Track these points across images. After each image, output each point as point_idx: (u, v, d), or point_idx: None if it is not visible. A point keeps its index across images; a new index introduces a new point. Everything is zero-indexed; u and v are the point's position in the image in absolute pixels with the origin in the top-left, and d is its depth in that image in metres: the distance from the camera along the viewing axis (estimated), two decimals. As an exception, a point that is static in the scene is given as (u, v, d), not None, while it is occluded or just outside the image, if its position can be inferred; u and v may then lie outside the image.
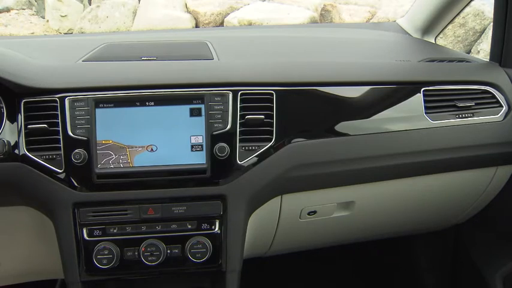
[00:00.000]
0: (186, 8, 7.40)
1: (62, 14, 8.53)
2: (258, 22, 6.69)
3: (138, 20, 7.65)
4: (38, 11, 9.27)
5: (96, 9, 7.91)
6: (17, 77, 1.00)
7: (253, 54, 1.32)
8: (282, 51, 1.37)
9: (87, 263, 1.02)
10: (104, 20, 7.74)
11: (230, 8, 7.27)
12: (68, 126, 1.00)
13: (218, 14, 7.16)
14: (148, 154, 1.02)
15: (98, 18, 7.81)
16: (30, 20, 8.93)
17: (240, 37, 1.58)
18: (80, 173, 1.00)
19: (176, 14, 7.28)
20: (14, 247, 1.15)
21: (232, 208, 1.05)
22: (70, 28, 8.34)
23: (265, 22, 6.58)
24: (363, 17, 5.65)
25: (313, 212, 1.22)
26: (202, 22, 7.17)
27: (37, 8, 9.37)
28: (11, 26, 8.28)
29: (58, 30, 8.31)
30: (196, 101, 1.03)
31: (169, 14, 7.23)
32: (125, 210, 1.02)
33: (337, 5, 6.30)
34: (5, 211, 1.05)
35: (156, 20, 7.17)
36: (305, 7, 7.00)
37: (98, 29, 7.67)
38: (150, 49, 1.26)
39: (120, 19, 7.67)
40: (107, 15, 7.72)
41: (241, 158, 1.04)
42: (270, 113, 1.07)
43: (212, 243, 1.04)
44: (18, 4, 9.42)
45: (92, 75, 1.06)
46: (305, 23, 6.48)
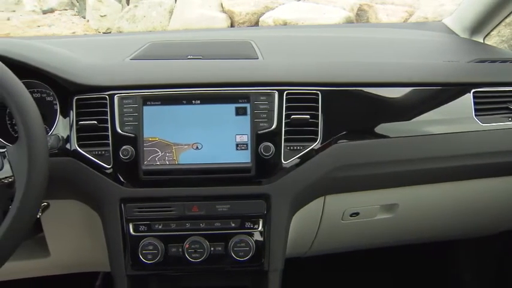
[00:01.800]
0: (221, 7, 7.45)
1: (101, 14, 8.76)
2: (293, 22, 6.67)
3: (174, 20, 7.76)
4: (80, 12, 9.54)
5: (134, 9, 8.08)
6: (70, 75, 1.03)
7: (297, 53, 1.31)
8: (325, 51, 1.37)
9: (132, 257, 1.03)
10: (141, 20, 7.90)
11: (265, 8, 7.28)
12: (116, 123, 1.02)
13: (253, 14, 7.18)
14: (194, 152, 1.03)
15: (135, 17, 7.98)
16: (72, 20, 9.20)
17: (282, 36, 1.57)
18: (127, 169, 1.02)
19: (212, 13, 7.34)
20: (63, 239, 1.19)
21: (275, 207, 1.05)
22: (108, 27, 8.56)
23: (300, 22, 6.55)
24: (400, 17, 5.55)
25: (356, 214, 1.21)
26: (237, 22, 7.21)
27: (78, 9, 9.65)
28: (55, 26, 8.56)
29: (97, 30, 8.54)
30: (242, 100, 1.04)
31: (204, 13, 7.30)
32: (170, 207, 1.04)
33: (374, 5, 6.20)
34: (55, 204, 1.08)
35: (192, 20, 7.26)
36: (340, 7, 6.93)
37: (135, 28, 7.83)
38: (195, 48, 1.28)
39: (157, 18, 7.81)
40: (144, 15, 7.87)
41: (286, 158, 1.04)
42: (315, 113, 1.06)
43: (255, 242, 1.04)
44: (61, 5, 9.73)
45: (140, 73, 1.08)
46: (340, 23, 6.41)
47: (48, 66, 1.02)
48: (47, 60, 1.03)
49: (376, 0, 6.41)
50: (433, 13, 4.86)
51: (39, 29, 8.52)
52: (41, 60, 1.02)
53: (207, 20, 7.23)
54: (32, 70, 1.01)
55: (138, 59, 1.16)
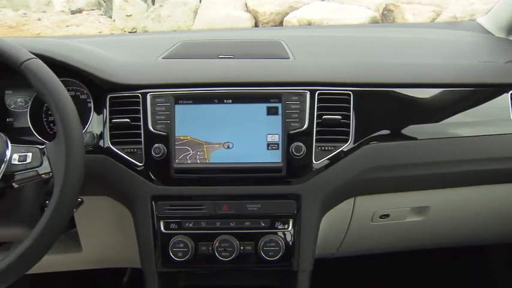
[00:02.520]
0: (246, 7, 7.47)
1: (127, 14, 8.89)
2: (318, 22, 6.63)
3: (198, 19, 7.82)
4: (106, 11, 9.71)
5: (159, 8, 8.17)
6: (104, 73, 1.05)
7: (328, 53, 1.31)
8: (356, 51, 1.35)
9: (163, 255, 1.05)
10: (166, 19, 7.98)
11: (290, 8, 7.26)
12: (149, 122, 1.03)
13: (278, 14, 7.17)
14: (225, 151, 1.04)
15: (160, 17, 8.07)
16: (99, 19, 9.37)
17: (311, 36, 1.57)
18: (159, 167, 1.03)
19: (236, 13, 7.37)
20: (95, 235, 1.21)
21: (306, 208, 1.05)
22: (134, 27, 8.68)
23: (324, 22, 6.51)
24: (427, 16, 5.46)
25: (386, 216, 1.20)
26: (262, 21, 7.21)
27: (105, 9, 9.82)
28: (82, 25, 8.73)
29: (123, 29, 8.67)
30: (274, 99, 1.04)
31: (229, 13, 7.33)
32: (200, 205, 1.05)
33: (400, 5, 6.11)
34: (88, 200, 1.10)
35: (216, 19, 7.30)
36: (366, 7, 6.86)
37: (160, 27, 7.92)
38: (226, 47, 1.28)
39: (182, 18, 7.88)
40: (169, 14, 7.95)
41: (317, 158, 1.04)
42: (346, 113, 1.05)
43: (285, 242, 1.04)
44: (88, 5, 9.92)
45: (172, 72, 1.09)
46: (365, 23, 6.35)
47: (85, 66, 1.04)
48: (84, 60, 1.05)
49: (403, 0, 6.32)
50: (462, 12, 4.76)
51: (68, 29, 8.71)
52: (79, 59, 1.04)
53: (232, 19, 7.26)
54: (68, 69, 1.03)
55: (170, 58, 1.17)
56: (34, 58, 0.87)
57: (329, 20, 6.54)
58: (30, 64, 0.86)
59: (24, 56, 0.86)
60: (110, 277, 1.74)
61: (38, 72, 0.86)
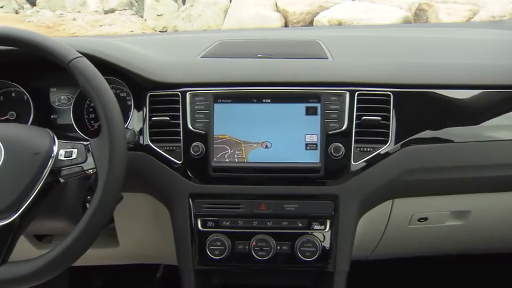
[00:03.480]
0: (276, 7, 7.48)
1: (158, 13, 9.04)
2: (348, 22, 6.57)
3: (228, 19, 7.87)
4: (138, 11, 9.90)
5: (190, 8, 8.27)
6: (145, 71, 1.07)
7: (366, 54, 1.29)
8: (393, 52, 1.33)
9: (200, 252, 1.05)
10: (196, 19, 8.07)
11: (320, 7, 7.23)
12: (188, 120, 1.04)
13: (308, 13, 7.15)
14: (263, 150, 1.04)
15: (191, 16, 8.16)
16: (130, 19, 9.56)
17: (348, 36, 1.55)
18: (197, 165, 1.04)
19: (266, 13, 7.38)
20: (132, 231, 1.23)
21: (344, 209, 1.04)
22: (164, 26, 8.82)
23: (355, 22, 6.45)
24: (463, 16, 5.33)
25: (424, 219, 1.17)
26: (292, 21, 7.20)
27: (137, 8, 10.01)
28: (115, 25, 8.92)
29: (154, 29, 8.82)
30: (313, 99, 1.03)
31: (259, 13, 7.35)
32: (238, 204, 1.05)
33: (434, 4, 6.00)
34: (126, 197, 1.12)
35: (246, 19, 7.33)
36: (398, 6, 6.76)
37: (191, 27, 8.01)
38: (263, 47, 1.28)
39: (212, 18, 7.95)
40: (200, 14, 8.04)
41: (355, 159, 1.03)
42: (386, 114, 1.04)
43: (322, 243, 1.04)
44: (121, 5, 10.14)
45: (211, 71, 1.10)
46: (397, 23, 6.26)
47: (127, 64, 1.06)
48: (126, 58, 1.07)
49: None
50: (501, 11, 4.62)
51: (101, 28, 8.92)
52: (121, 58, 1.06)
53: (261, 19, 7.28)
54: (110, 67, 1.05)
55: (208, 57, 1.18)
56: (81, 57, 0.89)
57: (359, 20, 6.47)
58: (77, 62, 0.88)
59: (71, 54, 0.88)
60: (143, 273, 1.76)
61: (84, 70, 0.88)
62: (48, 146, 0.88)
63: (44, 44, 0.89)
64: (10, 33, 0.89)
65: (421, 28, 2.40)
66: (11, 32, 0.89)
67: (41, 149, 0.87)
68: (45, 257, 0.84)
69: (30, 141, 0.88)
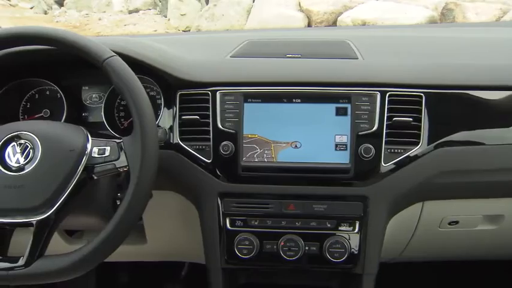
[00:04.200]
0: (299, 6, 7.45)
1: (181, 13, 9.10)
2: (372, 22, 6.50)
3: (251, 18, 7.88)
4: (161, 11, 10.00)
5: (213, 7, 8.30)
6: (175, 70, 1.08)
7: (395, 54, 1.27)
8: (423, 52, 1.31)
9: (228, 251, 1.06)
10: (219, 18, 8.10)
11: (344, 7, 7.17)
12: (218, 119, 1.04)
13: (331, 13, 7.10)
14: (292, 150, 1.03)
15: (214, 16, 8.19)
16: (154, 19, 9.67)
17: (377, 36, 1.54)
18: (227, 164, 1.04)
19: (289, 12, 7.36)
20: (160, 228, 1.25)
21: (373, 210, 1.03)
22: (188, 26, 8.88)
23: (379, 22, 6.38)
24: (492, 15, 5.20)
25: (455, 222, 1.15)
26: (315, 21, 7.16)
27: (161, 8, 10.12)
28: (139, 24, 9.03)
29: (177, 28, 8.89)
30: (343, 100, 1.03)
31: (282, 12, 7.33)
32: (267, 204, 1.05)
33: (461, 3, 5.87)
34: (155, 194, 1.13)
35: (269, 19, 7.32)
36: (423, 6, 6.65)
37: (214, 26, 8.04)
38: (293, 47, 1.28)
39: (235, 17, 7.97)
40: (223, 14, 8.06)
41: (386, 161, 1.02)
42: (418, 115, 1.03)
43: (351, 244, 1.03)
44: (145, 5, 10.26)
45: (242, 70, 1.10)
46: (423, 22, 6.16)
47: (158, 63, 1.07)
48: (157, 57, 1.08)
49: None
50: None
51: (125, 28, 9.04)
52: (152, 57, 1.07)
53: (285, 19, 7.26)
54: (141, 66, 1.06)
55: (238, 57, 1.18)
56: (115, 56, 0.91)
57: (384, 20, 6.39)
58: (111, 61, 0.89)
59: (106, 53, 0.90)
60: (168, 270, 1.78)
61: (118, 69, 0.89)
62: (82, 143, 0.90)
63: (80, 43, 0.90)
64: (48, 32, 0.90)
65: (448, 28, 2.36)
66: (49, 31, 0.91)
67: (75, 146, 0.89)
68: (80, 252, 0.85)
69: (66, 138, 0.90)
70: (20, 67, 1.14)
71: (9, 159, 0.87)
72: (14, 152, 0.88)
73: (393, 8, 6.70)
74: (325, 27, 6.26)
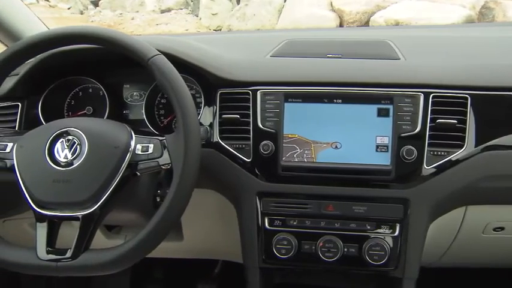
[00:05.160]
0: (331, 6, 7.39)
1: (212, 12, 9.18)
2: (406, 21, 6.39)
3: (282, 18, 7.87)
4: (193, 10, 10.12)
5: (245, 7, 8.34)
6: (217, 69, 1.08)
7: (438, 54, 1.24)
8: (466, 52, 1.28)
9: (266, 251, 1.06)
10: (250, 18, 8.12)
11: (377, 7, 7.08)
12: (258, 118, 1.04)
13: (364, 13, 7.02)
14: (332, 151, 1.03)
15: (245, 16, 8.23)
16: (185, 18, 9.79)
17: (416, 36, 1.51)
18: (266, 164, 1.04)
19: (321, 12, 7.32)
20: (197, 226, 1.26)
21: (414, 213, 1.01)
22: (219, 25, 8.95)
23: (413, 22, 6.26)
24: (534, 13, 5.02)
25: (500, 229, 1.12)
26: (347, 21, 7.09)
27: (192, 8, 10.24)
28: (171, 24, 9.17)
29: (208, 27, 8.96)
30: (385, 101, 1.01)
31: (314, 12, 7.30)
32: (306, 204, 1.05)
33: (502, 1, 5.69)
34: (193, 192, 1.14)
35: (301, 18, 7.30)
36: (460, 5, 6.49)
37: (245, 26, 8.07)
38: (333, 47, 1.27)
39: (266, 17, 7.98)
40: (254, 13, 8.08)
41: (428, 163, 1.00)
42: (463, 118, 1.00)
43: (391, 247, 1.02)
44: (177, 4, 10.41)
45: (282, 70, 1.10)
46: (459, 22, 6.00)
47: (200, 62, 1.08)
48: (199, 56, 1.09)
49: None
50: None
51: (157, 27, 9.19)
52: (194, 56, 1.08)
53: (316, 18, 7.22)
54: (183, 64, 1.07)
55: (278, 56, 1.18)
56: (159, 54, 0.92)
57: (418, 19, 6.28)
58: (156, 60, 0.91)
59: (151, 52, 0.91)
60: (202, 268, 1.80)
61: (163, 67, 0.90)
62: (126, 140, 0.91)
63: (126, 42, 0.92)
64: (97, 32, 0.92)
65: (488, 27, 2.29)
66: (97, 31, 0.93)
67: (120, 142, 0.90)
68: (123, 248, 0.87)
69: (111, 135, 0.92)
70: (66, 66, 1.18)
71: (58, 155, 0.89)
72: (63, 147, 0.90)
73: (428, 7, 6.57)
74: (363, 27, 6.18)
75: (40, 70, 1.12)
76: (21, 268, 0.88)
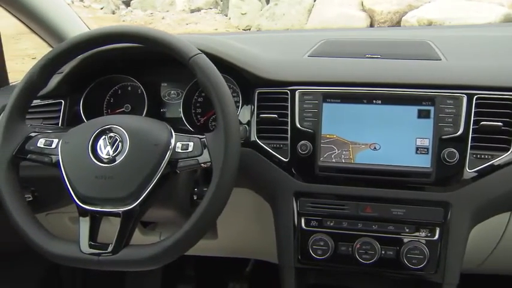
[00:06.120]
0: (361, 6, 7.31)
1: (242, 12, 9.21)
2: (439, 21, 6.25)
3: (312, 18, 7.83)
4: (222, 10, 10.19)
5: (274, 7, 8.33)
6: (255, 68, 1.09)
7: (480, 55, 1.21)
8: (508, 53, 1.24)
9: (302, 251, 1.05)
10: (280, 18, 8.11)
11: (409, 7, 6.96)
12: (296, 118, 1.04)
13: (395, 13, 6.91)
14: (371, 152, 1.01)
15: (274, 15, 8.22)
16: (215, 18, 9.87)
17: (456, 37, 1.47)
18: (303, 164, 1.04)
19: (351, 12, 7.25)
20: (232, 225, 1.26)
21: (456, 217, 0.99)
22: (248, 25, 8.98)
23: (447, 22, 6.12)
24: None
25: None
26: (378, 21, 7.00)
27: (222, 7, 10.31)
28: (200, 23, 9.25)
29: (237, 27, 9.00)
30: (426, 102, 1.00)
31: (344, 12, 7.23)
32: (343, 205, 1.04)
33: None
34: None
35: (330, 18, 7.24)
36: (498, 3, 6.30)
37: (274, 26, 8.07)
38: (371, 47, 1.25)
39: (296, 17, 7.95)
40: (284, 13, 8.07)
41: (470, 166, 0.97)
42: (508, 120, 0.97)
43: (430, 251, 1.00)
44: (207, 4, 10.51)
45: (321, 70, 1.09)
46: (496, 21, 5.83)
47: (239, 61, 1.08)
48: (238, 56, 1.10)
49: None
50: None
51: (187, 27, 9.28)
52: (233, 55, 1.09)
53: (346, 18, 7.16)
54: (222, 64, 1.08)
55: (316, 56, 1.17)
56: (201, 53, 0.92)
57: (452, 19, 6.13)
58: (197, 59, 0.91)
59: (193, 51, 0.92)
60: (233, 266, 1.80)
61: (204, 66, 0.91)
62: (167, 138, 0.92)
63: (168, 41, 0.93)
64: (140, 31, 0.94)
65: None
66: (140, 30, 0.94)
67: (160, 140, 0.91)
68: (162, 245, 0.88)
69: (152, 132, 0.93)
70: (106, 64, 1.20)
71: (101, 151, 0.91)
72: (105, 144, 0.91)
73: (463, 6, 6.41)
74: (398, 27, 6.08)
75: (82, 69, 1.15)
76: (65, 260, 0.90)
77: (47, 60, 0.97)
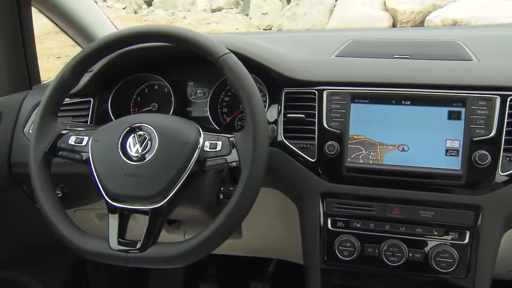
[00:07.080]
0: (384, 6, 7.24)
1: (263, 12, 9.21)
2: (465, 21, 6.14)
3: (333, 18, 7.78)
4: (243, 9, 10.22)
5: (295, 7, 8.31)
6: (283, 68, 1.08)
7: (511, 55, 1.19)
8: None
9: (328, 252, 1.05)
10: (301, 17, 8.09)
11: (433, 6, 6.86)
12: (323, 118, 1.04)
13: (419, 13, 6.82)
14: (399, 153, 1.00)
15: (296, 15, 8.20)
16: (236, 17, 9.90)
17: (486, 36, 1.44)
18: (331, 164, 1.03)
19: (373, 12, 7.18)
20: (257, 224, 1.26)
21: (487, 221, 0.97)
22: (269, 25, 8.98)
23: (473, 21, 6.00)
24: None
25: None
26: (401, 21, 6.92)
27: (242, 7, 10.34)
28: (221, 23, 9.29)
29: (258, 27, 9.01)
30: (457, 103, 0.98)
31: (366, 12, 7.17)
32: (370, 207, 1.03)
33: None
34: None
35: (352, 18, 7.19)
36: (527, 2, 6.15)
37: (295, 26, 8.04)
38: (399, 47, 1.24)
39: (317, 17, 7.91)
40: (305, 13, 8.04)
41: (503, 169, 0.95)
42: None
43: (460, 255, 0.98)
44: (228, 4, 10.55)
45: (349, 70, 1.09)
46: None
47: (266, 61, 1.08)
48: (265, 55, 1.10)
49: None
50: None
51: (208, 26, 9.34)
52: (261, 55, 1.09)
53: (368, 18, 7.09)
54: (249, 63, 1.08)
55: (343, 56, 1.17)
56: (230, 53, 0.93)
57: (478, 19, 6.02)
58: (227, 58, 0.91)
59: (222, 50, 0.92)
60: (255, 266, 1.80)
61: (233, 66, 0.91)
62: (195, 136, 0.92)
63: (198, 40, 0.93)
64: (171, 30, 0.95)
65: None
66: (171, 29, 0.95)
67: (189, 139, 0.91)
68: (189, 243, 0.88)
69: (180, 131, 0.93)
70: (134, 63, 1.21)
71: (130, 149, 0.92)
72: (134, 142, 0.92)
73: (489, 5, 6.27)
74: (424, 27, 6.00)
75: (110, 68, 1.17)
76: (95, 256, 0.92)
77: (78, 59, 0.99)
